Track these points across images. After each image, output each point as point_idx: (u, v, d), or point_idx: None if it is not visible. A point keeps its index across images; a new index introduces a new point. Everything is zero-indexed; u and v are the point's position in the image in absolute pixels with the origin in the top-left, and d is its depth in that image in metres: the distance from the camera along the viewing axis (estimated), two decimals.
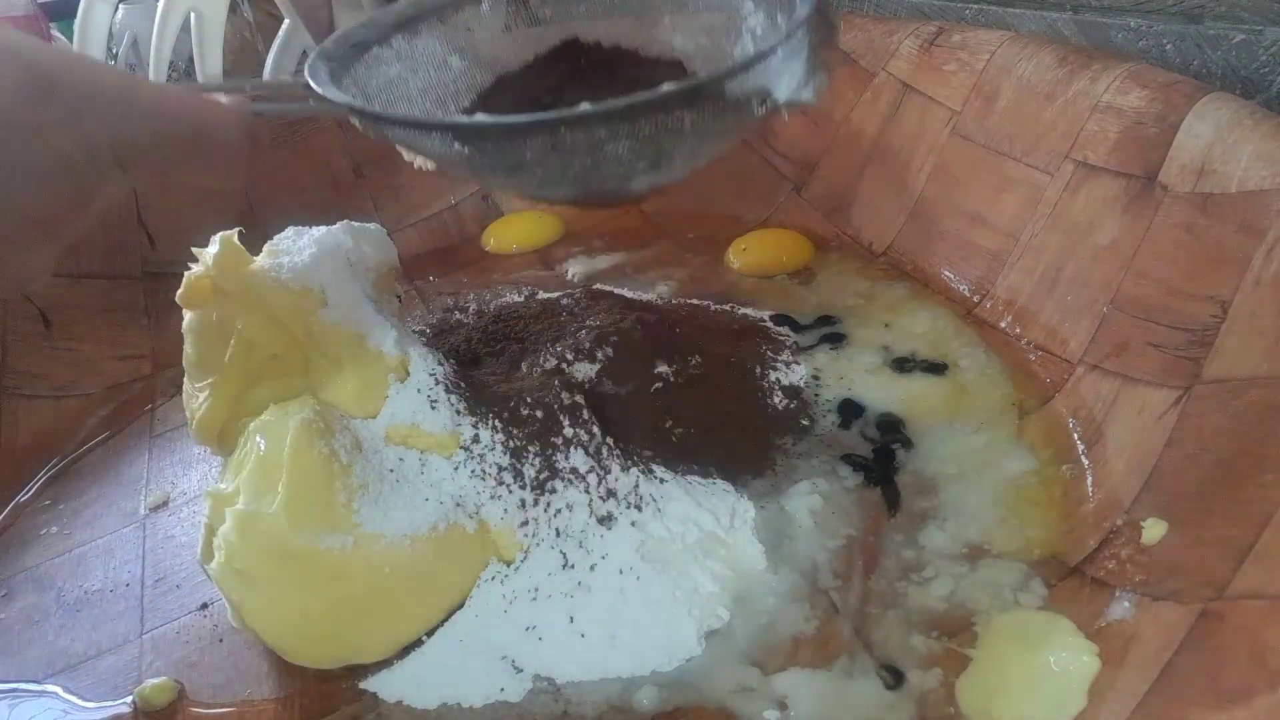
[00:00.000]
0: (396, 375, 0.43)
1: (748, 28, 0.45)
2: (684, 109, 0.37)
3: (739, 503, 0.42)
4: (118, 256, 0.65)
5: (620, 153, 0.37)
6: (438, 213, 0.75)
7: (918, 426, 0.46)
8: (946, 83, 0.58)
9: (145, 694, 0.39)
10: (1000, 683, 0.33)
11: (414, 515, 0.39)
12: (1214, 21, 0.48)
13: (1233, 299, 0.38)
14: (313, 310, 0.42)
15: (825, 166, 0.66)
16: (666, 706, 0.35)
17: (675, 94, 0.36)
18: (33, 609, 0.45)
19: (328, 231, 0.45)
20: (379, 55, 0.47)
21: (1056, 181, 0.50)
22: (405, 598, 0.39)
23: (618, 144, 0.37)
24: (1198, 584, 0.31)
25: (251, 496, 0.37)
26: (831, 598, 0.38)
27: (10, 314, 0.60)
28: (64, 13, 1.04)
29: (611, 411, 0.45)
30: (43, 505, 0.53)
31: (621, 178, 0.39)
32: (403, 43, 0.48)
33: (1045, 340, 0.49)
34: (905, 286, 0.57)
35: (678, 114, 0.37)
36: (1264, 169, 0.39)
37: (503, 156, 0.38)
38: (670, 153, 0.38)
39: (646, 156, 0.38)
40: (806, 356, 0.52)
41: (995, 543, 0.39)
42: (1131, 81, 0.47)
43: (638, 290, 0.61)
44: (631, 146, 0.37)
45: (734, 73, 0.38)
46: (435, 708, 0.36)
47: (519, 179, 0.39)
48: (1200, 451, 0.36)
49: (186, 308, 0.41)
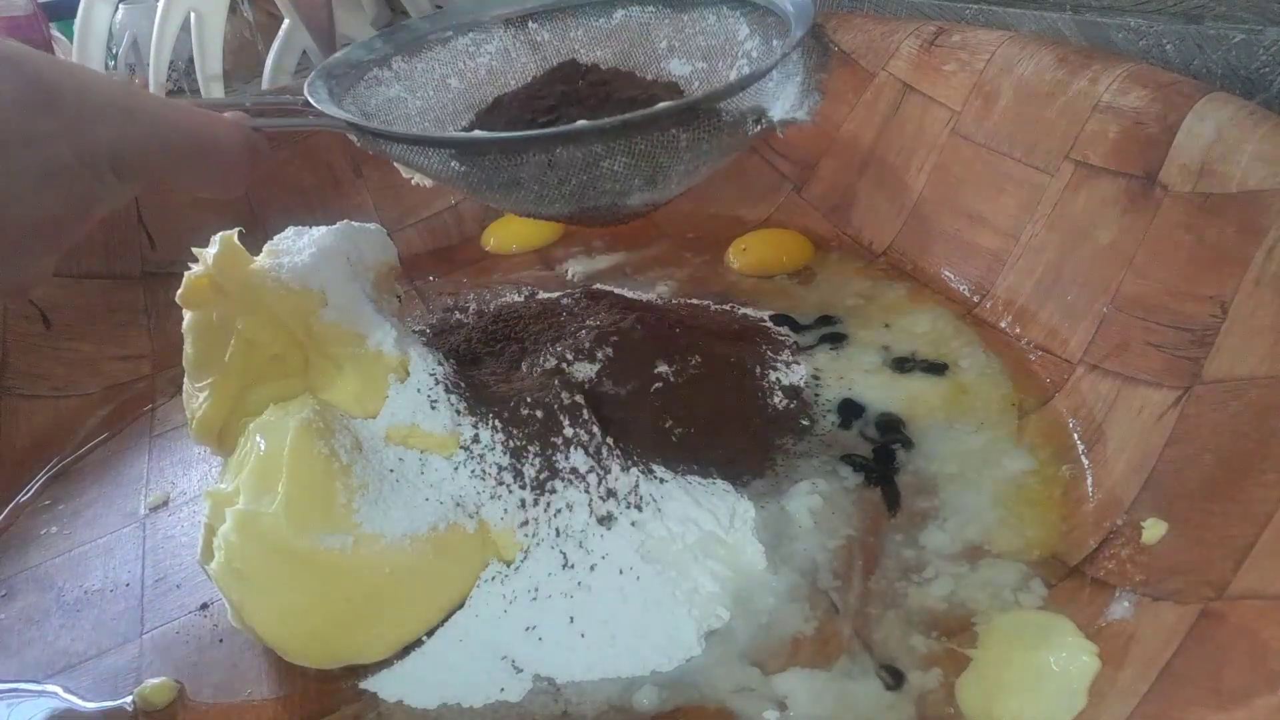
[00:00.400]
0: (396, 375, 0.43)
1: (744, 51, 0.46)
2: (679, 127, 0.37)
3: (739, 503, 0.42)
4: (118, 256, 0.65)
5: (616, 169, 0.37)
6: (438, 213, 0.75)
7: (918, 426, 0.46)
8: (946, 83, 0.58)
9: (145, 694, 0.39)
10: (1000, 683, 0.33)
11: (414, 515, 0.39)
12: (1214, 21, 0.48)
13: (1233, 299, 0.38)
14: (313, 310, 0.42)
15: (825, 166, 0.66)
16: (666, 706, 0.35)
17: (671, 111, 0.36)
18: (33, 609, 0.45)
19: (328, 231, 0.45)
20: (378, 76, 0.48)
21: (1056, 181, 0.50)
22: (405, 598, 0.39)
23: (613, 160, 0.37)
24: (1198, 584, 0.31)
25: (251, 496, 0.37)
26: (831, 598, 0.38)
27: (10, 314, 0.60)
28: (64, 13, 1.04)
29: (611, 411, 0.45)
30: (43, 505, 0.53)
31: (618, 194, 0.39)
32: (402, 64, 0.49)
33: (1045, 340, 0.49)
34: (905, 286, 0.57)
35: (673, 131, 0.37)
36: (1264, 169, 0.39)
37: (498, 173, 0.38)
38: (666, 169, 0.38)
39: (642, 173, 0.38)
40: (806, 356, 0.52)
41: (995, 543, 0.39)
42: (1131, 81, 0.47)
43: (638, 290, 0.61)
44: (627, 163, 0.37)
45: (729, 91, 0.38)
46: (435, 708, 0.36)
47: (515, 195, 0.39)
48: (1200, 451, 0.36)
49: (186, 308, 0.41)
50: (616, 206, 0.40)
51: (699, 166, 0.40)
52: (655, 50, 0.49)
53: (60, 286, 0.62)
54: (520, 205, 0.41)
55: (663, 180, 0.39)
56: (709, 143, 0.39)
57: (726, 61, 0.47)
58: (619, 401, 0.46)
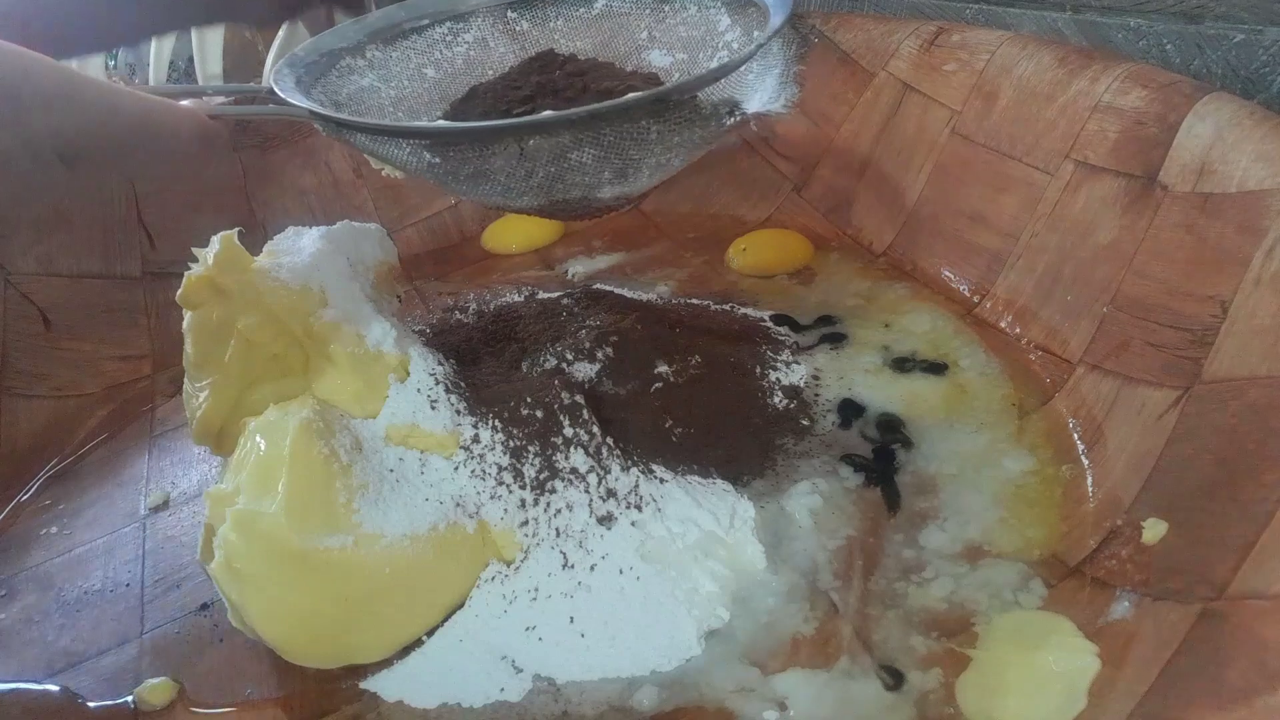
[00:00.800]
0: (396, 375, 0.43)
1: (724, 42, 0.45)
2: (650, 118, 0.36)
3: (739, 503, 0.42)
4: (118, 256, 0.65)
5: (585, 161, 0.37)
6: (438, 213, 0.75)
7: (918, 426, 0.46)
8: (946, 83, 0.58)
9: (145, 694, 0.39)
10: (1000, 683, 0.33)
11: (414, 515, 0.39)
12: (1214, 21, 0.48)
13: (1233, 299, 0.38)
14: (313, 310, 0.42)
15: (825, 166, 0.66)
16: (666, 706, 0.35)
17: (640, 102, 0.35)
18: (33, 609, 0.45)
19: (328, 231, 0.45)
20: (351, 65, 0.47)
21: (1056, 181, 0.50)
22: (405, 598, 0.39)
23: (582, 152, 0.36)
24: (1198, 584, 0.31)
25: (251, 496, 0.37)
26: (831, 598, 0.38)
27: (10, 314, 0.60)
28: None
29: (611, 411, 0.45)
30: (43, 505, 0.53)
31: (588, 187, 0.38)
32: (376, 52, 0.47)
33: (1045, 340, 0.49)
34: (905, 286, 0.57)
35: (644, 123, 0.36)
36: (1264, 169, 0.39)
37: (464, 164, 0.38)
38: (637, 162, 0.38)
39: (612, 166, 0.37)
40: (806, 356, 0.52)
41: (995, 543, 0.39)
42: (1131, 81, 0.47)
43: (638, 290, 0.61)
44: (596, 155, 0.37)
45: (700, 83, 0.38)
46: (435, 708, 0.36)
47: (483, 187, 0.39)
48: (1200, 451, 0.36)
49: (186, 308, 0.41)
50: (587, 200, 0.39)
51: (671, 159, 0.39)
52: (636, 41, 0.49)
53: (60, 286, 0.62)
54: (489, 197, 0.41)
55: (634, 173, 0.38)
56: (680, 135, 0.38)
57: (707, 53, 0.46)
58: (619, 401, 0.46)
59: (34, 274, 0.61)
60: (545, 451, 0.42)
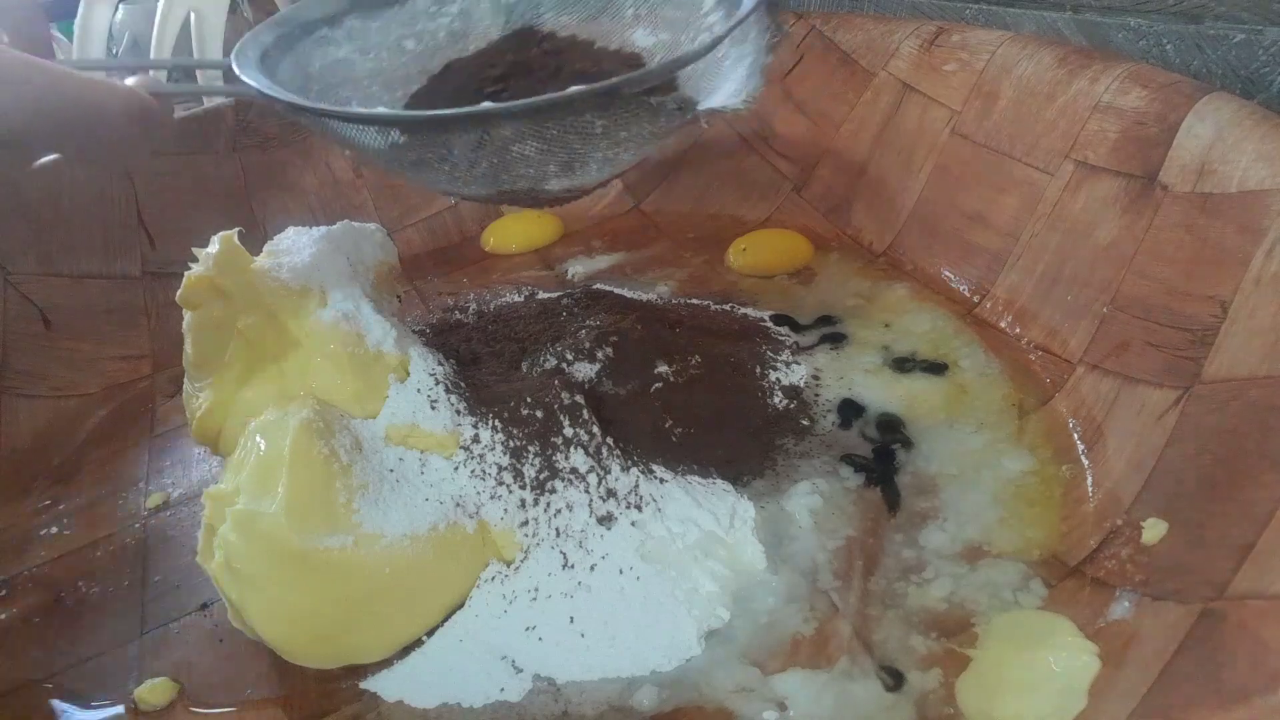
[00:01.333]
0: (396, 375, 0.43)
1: (706, 25, 0.44)
2: (594, 112, 0.35)
3: (739, 503, 0.42)
4: (118, 256, 0.65)
5: (528, 153, 0.36)
6: (438, 213, 0.75)
7: (918, 426, 0.46)
8: (946, 83, 0.58)
9: (144, 694, 0.39)
10: (1000, 683, 0.33)
11: (414, 515, 0.39)
12: (1214, 21, 0.48)
13: (1233, 299, 0.38)
14: (313, 310, 0.42)
15: (825, 166, 0.66)
16: (666, 706, 0.35)
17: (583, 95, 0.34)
18: (33, 609, 0.45)
19: (328, 231, 0.45)
20: (328, 36, 0.45)
21: (1056, 181, 0.50)
22: (405, 598, 0.39)
23: (524, 145, 0.36)
24: (1198, 584, 0.31)
25: (251, 496, 0.37)
26: (831, 598, 0.38)
27: (10, 314, 0.60)
28: (64, 13, 1.03)
29: (611, 411, 0.45)
30: (43, 505, 0.53)
31: (534, 179, 0.37)
32: (356, 22, 0.46)
33: (1045, 340, 0.49)
34: (905, 286, 0.57)
35: (588, 117, 0.35)
36: (1264, 169, 0.39)
37: (406, 151, 0.37)
38: (584, 156, 0.37)
39: (557, 159, 0.36)
40: (806, 356, 0.52)
41: (995, 543, 0.39)
42: (1131, 81, 0.47)
43: (638, 290, 0.61)
44: (539, 148, 0.35)
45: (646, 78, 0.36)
46: (435, 708, 0.36)
47: (427, 175, 0.38)
48: (1200, 451, 0.36)
49: (186, 308, 0.41)
50: (535, 191, 0.38)
51: (620, 154, 0.38)
52: (623, 18, 0.47)
53: (60, 286, 0.62)
54: (436, 184, 0.40)
55: (580, 166, 0.37)
56: (628, 130, 0.37)
57: (689, 34, 0.45)
58: (619, 401, 0.46)
59: (34, 274, 0.61)
60: (545, 451, 0.42)
